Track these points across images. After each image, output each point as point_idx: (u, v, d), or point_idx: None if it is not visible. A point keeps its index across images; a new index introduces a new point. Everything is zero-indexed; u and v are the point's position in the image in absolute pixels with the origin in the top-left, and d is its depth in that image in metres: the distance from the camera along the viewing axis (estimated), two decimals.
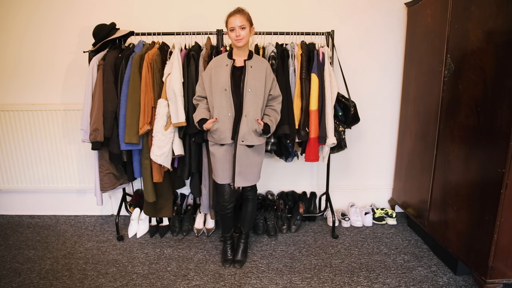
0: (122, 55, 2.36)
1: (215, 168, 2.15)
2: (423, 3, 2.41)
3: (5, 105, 2.81)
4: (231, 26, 1.99)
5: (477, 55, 1.86)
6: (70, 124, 2.83)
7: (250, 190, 2.26)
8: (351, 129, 2.74)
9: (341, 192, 3.04)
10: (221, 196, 2.18)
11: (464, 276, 2.14)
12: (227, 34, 2.04)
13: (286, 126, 2.33)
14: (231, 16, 2.00)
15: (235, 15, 1.99)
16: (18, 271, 2.23)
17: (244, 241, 2.37)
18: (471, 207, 1.94)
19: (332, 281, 2.12)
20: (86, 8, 2.69)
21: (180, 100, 2.22)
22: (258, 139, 2.10)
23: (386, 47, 2.78)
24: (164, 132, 2.25)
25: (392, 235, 2.66)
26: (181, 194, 2.97)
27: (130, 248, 2.49)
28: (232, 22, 1.98)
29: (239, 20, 1.98)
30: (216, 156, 2.11)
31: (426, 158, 2.39)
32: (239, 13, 1.99)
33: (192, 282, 2.11)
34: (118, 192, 2.94)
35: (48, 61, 2.78)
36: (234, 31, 1.99)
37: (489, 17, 1.77)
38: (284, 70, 2.38)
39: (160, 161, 2.25)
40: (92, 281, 2.13)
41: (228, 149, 2.10)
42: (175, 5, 2.70)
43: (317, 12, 2.72)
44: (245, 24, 1.99)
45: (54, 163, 2.91)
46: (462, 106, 1.99)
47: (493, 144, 1.77)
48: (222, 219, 2.28)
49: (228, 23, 2.02)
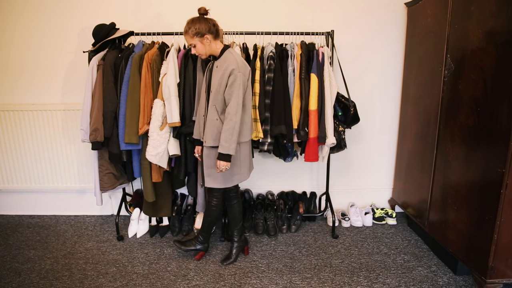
0: (122, 55, 2.36)
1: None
2: (423, 3, 2.41)
3: (5, 105, 2.81)
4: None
5: (477, 55, 1.86)
6: (70, 124, 2.83)
7: (232, 189, 2.27)
8: (351, 129, 2.74)
9: (341, 192, 3.04)
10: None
11: (464, 276, 2.14)
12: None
13: (283, 126, 2.33)
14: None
15: (184, 35, 2.02)
16: (18, 271, 2.23)
17: (237, 242, 2.34)
18: (471, 207, 1.94)
19: (332, 281, 2.12)
20: (86, 8, 2.69)
21: (175, 100, 2.23)
22: (215, 141, 2.02)
23: (386, 47, 2.78)
24: (159, 132, 2.25)
25: (392, 235, 2.66)
26: (181, 194, 2.97)
27: (130, 248, 2.49)
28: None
29: (187, 39, 2.02)
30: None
31: (426, 158, 2.39)
32: (185, 34, 2.01)
33: (192, 282, 2.11)
34: (118, 192, 2.94)
35: (48, 61, 2.77)
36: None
37: (489, 17, 1.77)
38: (283, 70, 2.38)
39: (155, 161, 2.26)
40: (92, 281, 2.13)
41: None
42: (175, 5, 2.70)
43: (317, 12, 2.72)
44: (193, 42, 2.00)
45: (54, 163, 2.91)
46: (462, 106, 1.99)
47: (493, 144, 1.77)
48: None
49: None
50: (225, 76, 1.96)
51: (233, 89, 1.95)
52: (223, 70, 1.97)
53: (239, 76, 1.94)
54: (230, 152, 1.95)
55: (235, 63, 1.96)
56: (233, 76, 1.94)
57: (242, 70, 1.98)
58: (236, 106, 1.94)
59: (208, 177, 2.12)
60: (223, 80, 1.97)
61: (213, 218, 2.26)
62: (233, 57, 2.00)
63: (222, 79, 1.97)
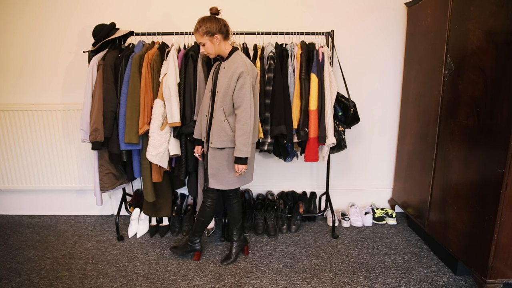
0: (122, 55, 2.36)
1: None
2: (423, 3, 2.41)
3: (5, 105, 2.81)
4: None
5: (477, 55, 1.86)
6: (70, 124, 2.83)
7: (232, 189, 2.25)
8: (351, 129, 2.74)
9: (341, 192, 3.04)
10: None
11: (464, 276, 2.14)
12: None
13: (283, 126, 2.33)
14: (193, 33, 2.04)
15: (194, 32, 2.02)
16: (18, 271, 2.23)
17: (237, 242, 2.34)
18: (471, 207, 1.94)
19: (332, 281, 2.12)
20: (86, 8, 2.69)
21: (175, 100, 2.23)
22: (222, 143, 2.02)
23: (386, 47, 2.78)
24: (160, 132, 2.25)
25: (392, 235, 2.66)
26: (181, 194, 2.97)
27: (130, 248, 2.49)
28: (195, 38, 2.04)
29: (197, 37, 2.01)
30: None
31: (426, 158, 2.39)
32: (195, 31, 2.01)
33: (192, 282, 2.11)
34: (118, 192, 2.94)
35: (49, 61, 2.78)
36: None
37: (489, 17, 1.77)
38: (283, 70, 2.38)
39: (155, 161, 2.26)
40: (92, 281, 2.13)
41: (207, 149, 2.15)
42: (175, 5, 2.70)
43: (317, 12, 2.72)
44: (202, 41, 2.00)
45: (54, 163, 2.91)
46: (462, 106, 1.99)
47: (493, 144, 1.77)
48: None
49: None
50: (233, 78, 1.97)
51: (244, 92, 1.95)
52: (232, 72, 1.98)
53: (248, 79, 1.96)
54: (248, 155, 1.99)
55: (244, 66, 1.97)
56: (243, 78, 1.95)
57: (251, 72, 1.99)
58: (249, 109, 1.96)
59: (213, 178, 2.11)
60: (231, 82, 1.97)
61: (206, 219, 2.26)
62: (242, 59, 2.01)
63: (231, 81, 1.97)
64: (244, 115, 1.95)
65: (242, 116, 1.96)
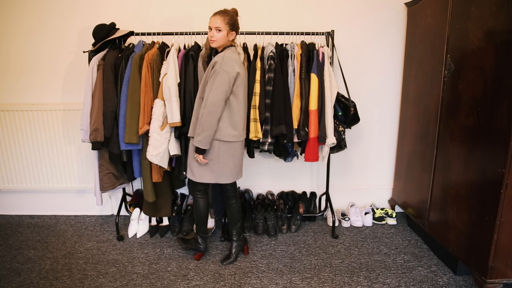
0: (122, 55, 2.36)
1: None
2: (423, 3, 2.41)
3: (5, 105, 2.81)
4: (209, 25, 2.03)
5: (477, 55, 1.86)
6: (70, 124, 2.83)
7: (230, 189, 2.27)
8: (351, 129, 2.74)
9: (341, 192, 3.04)
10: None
11: (464, 276, 2.14)
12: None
13: (283, 126, 2.34)
14: (213, 15, 2.03)
15: (216, 15, 2.01)
16: (18, 271, 2.23)
17: (236, 242, 2.34)
18: (471, 207, 1.94)
19: (332, 281, 2.12)
20: (86, 8, 2.69)
21: (175, 100, 2.23)
22: (192, 131, 2.05)
23: (386, 47, 2.78)
24: (160, 132, 2.25)
25: (392, 235, 2.66)
26: (181, 194, 2.97)
27: (130, 248, 2.49)
28: (211, 21, 2.02)
29: (218, 21, 1.99)
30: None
31: (426, 158, 2.39)
32: (219, 15, 2.00)
33: (192, 282, 2.11)
34: (118, 192, 2.94)
35: (49, 61, 2.78)
36: (211, 30, 2.03)
37: (489, 17, 1.77)
38: (283, 70, 2.38)
39: (156, 161, 2.26)
40: (92, 281, 2.13)
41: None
42: (175, 5, 2.70)
43: (317, 12, 2.72)
44: (222, 27, 1.99)
45: (54, 163, 2.91)
46: (462, 106, 1.99)
47: (493, 144, 1.77)
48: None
49: (209, 21, 2.04)
50: (209, 69, 2.02)
51: (210, 84, 1.95)
52: (212, 64, 2.02)
53: (221, 73, 1.93)
54: (200, 146, 1.97)
55: (220, 59, 1.98)
56: (214, 71, 1.96)
57: (227, 68, 1.95)
58: (210, 106, 1.93)
59: (188, 167, 2.18)
60: (208, 72, 2.03)
61: (201, 214, 2.27)
62: (224, 54, 2.01)
63: (208, 72, 2.03)
64: (205, 109, 1.93)
65: (204, 108, 1.95)
